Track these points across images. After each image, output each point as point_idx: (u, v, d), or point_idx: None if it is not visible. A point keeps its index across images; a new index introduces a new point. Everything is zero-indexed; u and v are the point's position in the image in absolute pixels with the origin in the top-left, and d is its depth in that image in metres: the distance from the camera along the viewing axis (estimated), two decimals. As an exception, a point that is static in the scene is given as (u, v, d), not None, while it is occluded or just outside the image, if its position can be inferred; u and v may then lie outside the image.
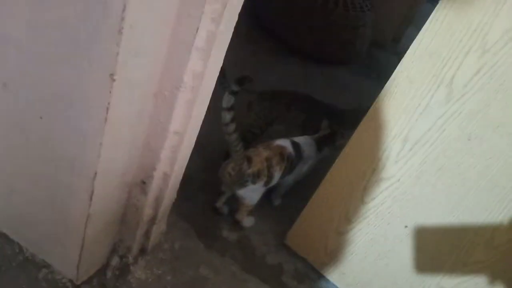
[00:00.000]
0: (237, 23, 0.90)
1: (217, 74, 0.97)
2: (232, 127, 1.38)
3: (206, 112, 1.06)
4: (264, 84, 2.27)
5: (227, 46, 0.93)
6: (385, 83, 1.17)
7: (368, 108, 1.77)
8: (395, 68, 1.14)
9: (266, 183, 1.51)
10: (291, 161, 1.56)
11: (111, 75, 0.78)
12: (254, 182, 1.46)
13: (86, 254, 1.14)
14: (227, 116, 1.36)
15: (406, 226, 1.29)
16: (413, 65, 1.09)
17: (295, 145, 1.60)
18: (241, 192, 1.50)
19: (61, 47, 0.81)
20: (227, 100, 1.36)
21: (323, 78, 2.71)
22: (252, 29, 2.79)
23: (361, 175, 1.30)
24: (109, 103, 0.82)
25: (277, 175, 1.53)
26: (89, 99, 0.83)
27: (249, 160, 1.44)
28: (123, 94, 0.84)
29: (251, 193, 1.52)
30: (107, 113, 0.83)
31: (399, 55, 3.14)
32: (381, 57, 3.17)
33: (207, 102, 1.01)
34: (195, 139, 1.09)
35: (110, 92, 0.80)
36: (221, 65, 0.96)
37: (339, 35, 2.74)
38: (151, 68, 0.86)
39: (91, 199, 0.97)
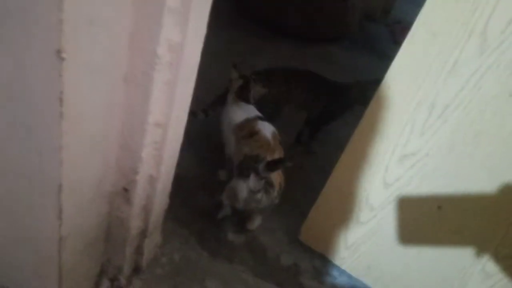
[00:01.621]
0: (221, 8, 0.71)
1: (200, 44, 0.77)
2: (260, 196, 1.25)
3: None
4: (254, 68, 2.09)
5: (209, 6, 0.73)
6: (380, 56, 0.99)
7: (372, 81, 1.62)
8: (388, 41, 0.96)
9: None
10: None
11: (58, 52, 0.58)
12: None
13: (68, 282, 0.94)
14: (257, 196, 1.24)
15: (439, 207, 1.11)
16: (436, 14, 0.91)
17: None
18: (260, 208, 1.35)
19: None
20: (256, 184, 1.22)
21: (316, 57, 2.52)
22: (237, 13, 2.60)
23: (380, 154, 1.11)
24: (61, 92, 0.62)
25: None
26: (35, 88, 0.63)
27: (271, 185, 1.29)
28: (80, 78, 0.64)
29: None
30: (61, 105, 0.63)
31: (390, 27, 3.00)
32: (373, 30, 2.98)
33: (192, 82, 0.82)
34: (183, 130, 0.90)
35: (60, 76, 0.60)
36: (204, 32, 0.76)
37: (329, 9, 2.55)
38: (114, 40, 0.66)
39: (60, 218, 0.78)
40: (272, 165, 1.17)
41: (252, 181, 1.21)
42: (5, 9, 0.58)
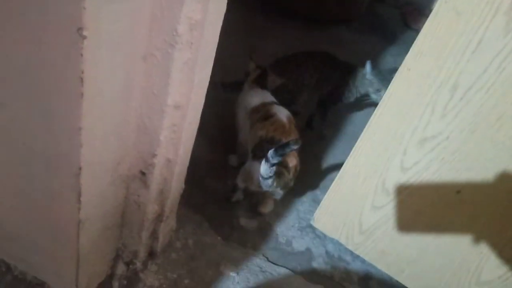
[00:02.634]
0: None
1: (220, 23, 0.74)
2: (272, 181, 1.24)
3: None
4: (264, 53, 2.06)
5: (230, -17, 0.70)
6: (390, 39, 0.96)
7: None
8: (398, 23, 0.93)
9: None
10: None
11: (79, 30, 0.56)
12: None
13: (85, 266, 0.94)
14: (269, 182, 1.22)
15: (458, 192, 1.09)
16: (461, -8, 0.87)
17: None
18: (274, 191, 1.33)
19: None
20: (266, 171, 1.19)
21: (325, 39, 2.47)
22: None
23: (399, 137, 1.09)
24: (82, 72, 0.60)
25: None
26: (55, 68, 0.61)
27: (286, 167, 1.28)
28: (100, 57, 0.62)
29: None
30: (82, 85, 0.61)
31: (401, 9, 2.93)
32: (383, 12, 2.92)
33: (211, 62, 0.80)
34: (200, 112, 0.88)
35: (81, 55, 0.58)
36: (224, 11, 0.74)
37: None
38: (135, 18, 0.64)
39: (79, 201, 0.77)
40: (280, 150, 1.16)
41: (263, 168, 1.20)
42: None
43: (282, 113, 1.37)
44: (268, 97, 1.47)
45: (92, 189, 0.79)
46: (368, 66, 1.65)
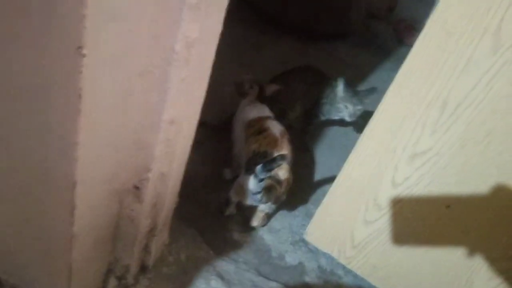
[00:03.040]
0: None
1: (216, 41, 0.76)
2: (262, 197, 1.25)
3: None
4: (258, 67, 2.08)
5: (227, 3, 0.72)
6: (384, 54, 0.98)
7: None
8: (392, 39, 0.96)
9: None
10: None
11: (79, 48, 0.57)
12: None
13: (77, 280, 0.93)
14: (257, 197, 1.24)
15: (448, 206, 1.11)
16: (450, 12, 0.90)
17: None
18: (265, 205, 1.35)
19: (7, 14, 0.60)
20: (255, 186, 1.22)
21: (320, 54, 2.50)
22: (238, 9, 2.57)
23: (390, 153, 1.11)
24: (81, 89, 0.61)
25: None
26: (54, 85, 0.62)
27: (278, 181, 1.28)
28: (99, 75, 0.63)
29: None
30: (80, 101, 0.62)
31: (394, 25, 2.98)
32: (377, 28, 2.97)
33: (207, 79, 0.81)
34: (195, 127, 0.89)
35: (81, 72, 0.59)
36: (220, 29, 0.75)
37: (334, 5, 2.53)
38: (133, 37, 0.65)
39: (73, 215, 0.77)
40: (268, 165, 1.18)
41: (251, 183, 1.21)
42: (28, 5, 0.56)
43: (276, 128, 1.38)
44: (265, 111, 1.48)
45: (86, 203, 0.79)
46: (340, 85, 1.68)
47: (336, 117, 1.77)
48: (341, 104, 1.70)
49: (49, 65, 0.60)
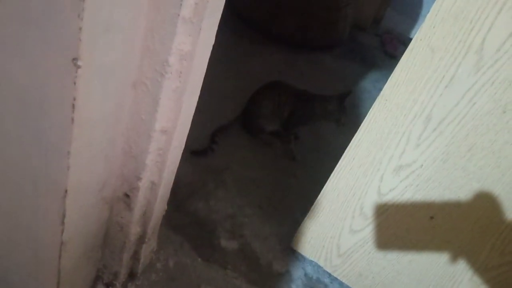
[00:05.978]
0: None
1: (209, 53, 0.78)
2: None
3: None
4: (247, 76, 2.11)
5: (219, 16, 0.74)
6: (370, 65, 1.01)
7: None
8: (378, 50, 0.99)
9: None
10: None
11: (74, 60, 0.58)
12: None
13: (65, 286, 0.94)
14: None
15: (432, 217, 1.14)
16: (434, 31, 0.93)
17: None
18: None
19: (3, 25, 0.61)
20: None
21: (307, 64, 2.54)
22: (228, 19, 2.60)
23: (376, 164, 1.14)
24: (75, 99, 0.62)
25: None
26: (48, 95, 0.63)
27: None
28: (92, 85, 0.64)
29: None
30: (73, 112, 0.63)
31: (380, 37, 3.04)
32: (363, 39, 3.03)
33: (198, 89, 0.82)
34: (185, 137, 0.91)
35: (74, 83, 0.60)
36: (212, 42, 0.77)
37: (322, 17, 2.58)
38: (127, 48, 0.67)
39: (63, 223, 0.77)
40: None
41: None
42: (24, 17, 0.58)
43: None
44: None
45: (76, 211, 0.80)
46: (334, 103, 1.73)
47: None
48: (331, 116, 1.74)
49: (44, 76, 0.61)
